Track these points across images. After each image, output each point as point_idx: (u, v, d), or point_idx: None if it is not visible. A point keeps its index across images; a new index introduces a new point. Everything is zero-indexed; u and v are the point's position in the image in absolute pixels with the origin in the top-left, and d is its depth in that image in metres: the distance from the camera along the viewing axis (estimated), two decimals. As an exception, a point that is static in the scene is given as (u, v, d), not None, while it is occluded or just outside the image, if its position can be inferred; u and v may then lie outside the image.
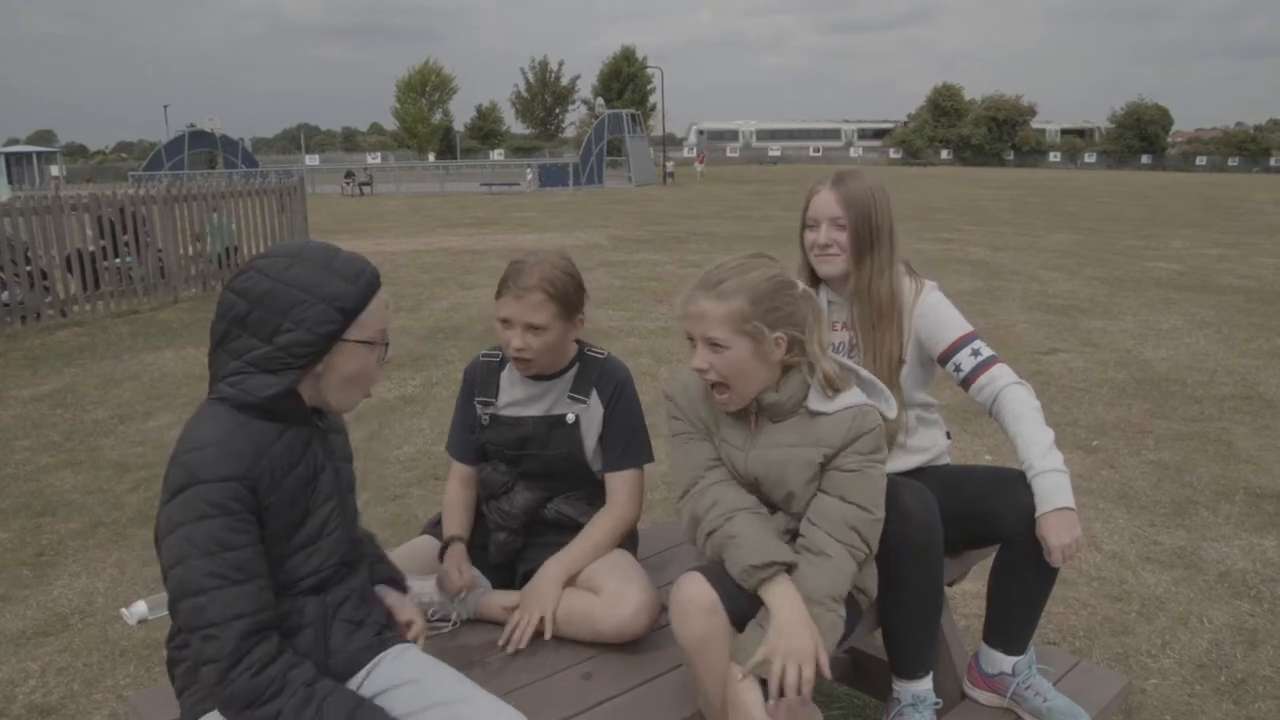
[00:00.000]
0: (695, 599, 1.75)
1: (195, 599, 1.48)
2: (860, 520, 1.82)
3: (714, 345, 1.79)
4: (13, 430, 5.79)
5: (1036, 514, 2.03)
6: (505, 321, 2.19)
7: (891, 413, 1.91)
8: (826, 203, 2.28)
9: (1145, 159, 76.83)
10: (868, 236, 2.25)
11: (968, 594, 3.37)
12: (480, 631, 2.15)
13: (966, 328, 2.28)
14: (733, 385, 1.82)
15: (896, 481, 1.96)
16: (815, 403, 1.86)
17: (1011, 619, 2.21)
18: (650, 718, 1.86)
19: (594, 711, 1.85)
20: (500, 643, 2.07)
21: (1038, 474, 2.07)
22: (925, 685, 2.09)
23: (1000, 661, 2.22)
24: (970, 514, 2.16)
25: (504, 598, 2.20)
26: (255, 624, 1.49)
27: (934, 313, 2.29)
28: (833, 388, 1.86)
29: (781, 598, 1.74)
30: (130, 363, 7.60)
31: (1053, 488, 2.04)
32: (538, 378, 2.28)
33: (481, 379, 2.35)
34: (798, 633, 1.69)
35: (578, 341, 2.33)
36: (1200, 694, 2.90)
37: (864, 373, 1.96)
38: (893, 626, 2.05)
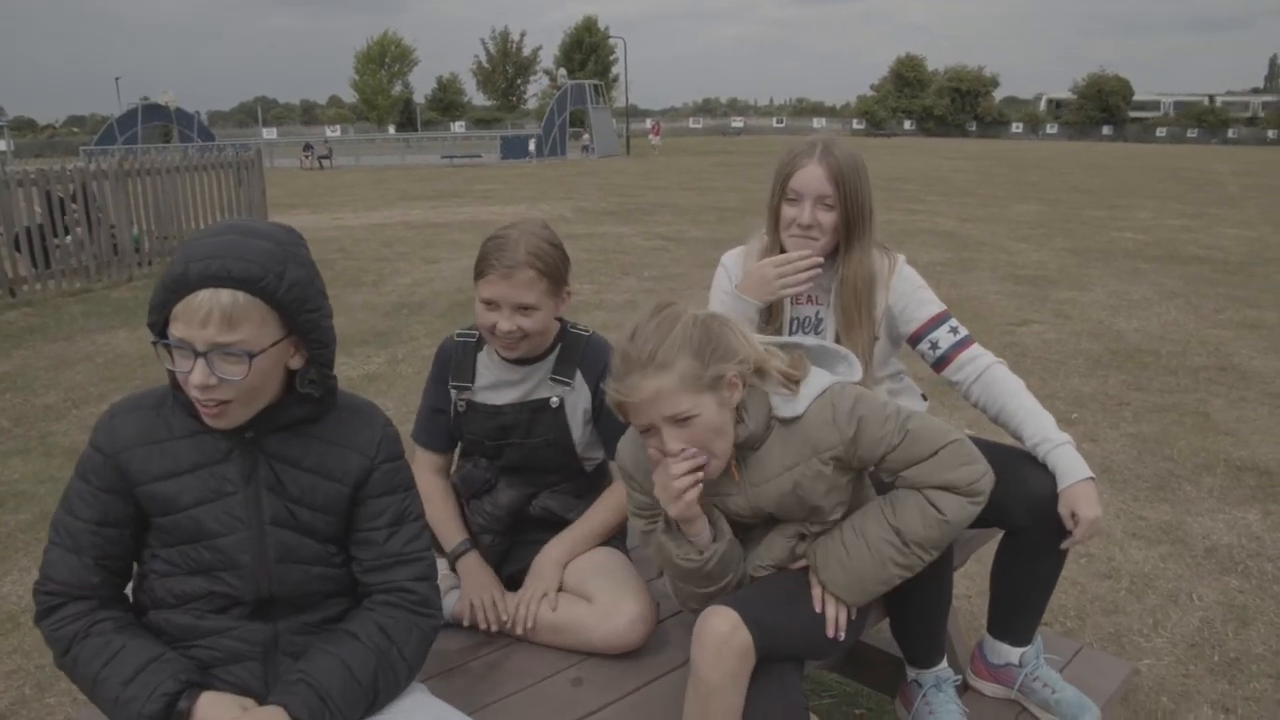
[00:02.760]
0: (731, 641, 1.58)
1: (45, 548, 1.50)
2: (940, 479, 1.68)
3: (680, 421, 1.57)
4: (-42, 416, 5.54)
5: (1062, 486, 1.93)
6: (490, 303, 1.98)
7: (856, 374, 1.78)
8: (814, 179, 2.09)
9: (1106, 130, 77.61)
10: (857, 219, 2.12)
11: (968, 575, 3.29)
12: (460, 636, 2.02)
13: (941, 305, 2.19)
14: (712, 450, 1.61)
15: None
16: (784, 409, 1.69)
17: (1018, 610, 2.11)
18: (644, 727, 1.74)
19: (585, 721, 1.74)
20: (506, 621, 1.99)
21: (1056, 446, 1.97)
22: (943, 665, 2.02)
23: (1007, 653, 2.12)
24: None
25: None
26: (67, 594, 1.48)
27: (908, 287, 2.19)
28: (792, 381, 1.70)
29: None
30: (83, 343, 7.33)
31: (1074, 459, 1.96)
32: (519, 361, 2.09)
33: (456, 361, 2.16)
34: None
35: (558, 319, 2.14)
36: (1195, 674, 2.85)
37: (809, 342, 1.84)
38: (910, 626, 1.97)
